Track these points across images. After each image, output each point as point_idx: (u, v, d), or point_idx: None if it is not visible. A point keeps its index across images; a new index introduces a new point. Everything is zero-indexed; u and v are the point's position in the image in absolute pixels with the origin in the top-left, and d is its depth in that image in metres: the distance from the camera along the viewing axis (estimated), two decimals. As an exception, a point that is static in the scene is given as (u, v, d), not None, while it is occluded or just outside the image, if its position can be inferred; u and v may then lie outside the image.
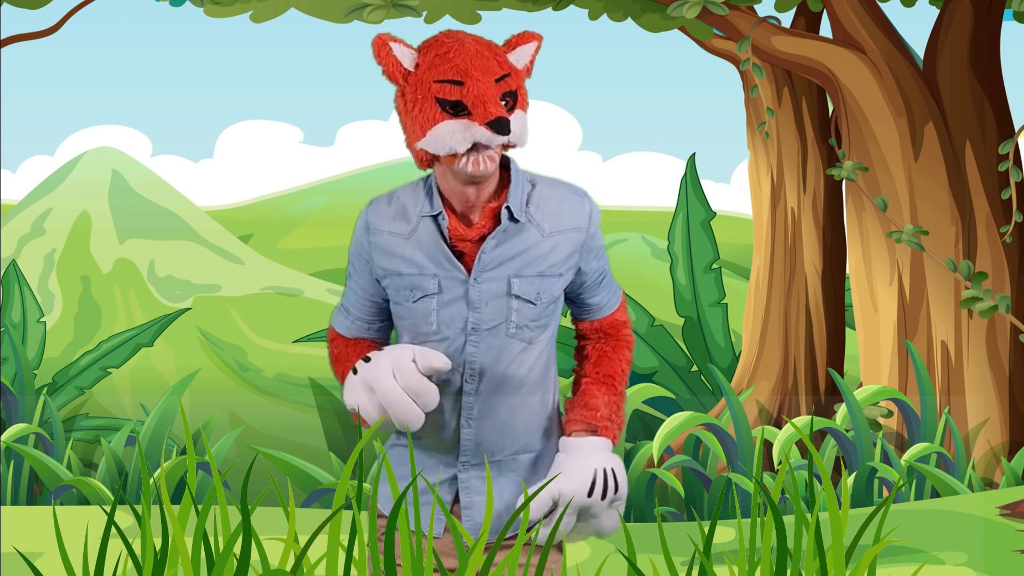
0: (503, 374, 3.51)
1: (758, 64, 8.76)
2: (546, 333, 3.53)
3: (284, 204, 13.48)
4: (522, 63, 3.47)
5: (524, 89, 3.46)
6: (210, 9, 8.80)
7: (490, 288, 3.48)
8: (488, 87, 3.37)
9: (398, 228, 3.53)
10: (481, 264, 3.47)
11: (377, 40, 3.44)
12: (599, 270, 3.59)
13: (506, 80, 3.41)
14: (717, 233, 9.88)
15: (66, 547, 3.34)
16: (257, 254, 12.33)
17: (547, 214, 3.49)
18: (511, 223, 3.46)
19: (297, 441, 9.97)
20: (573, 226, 3.51)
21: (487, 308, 3.48)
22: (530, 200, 3.49)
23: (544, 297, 3.49)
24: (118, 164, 12.37)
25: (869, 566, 3.24)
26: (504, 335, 3.49)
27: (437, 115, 3.39)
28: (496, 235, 3.45)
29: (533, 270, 3.48)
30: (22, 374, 9.45)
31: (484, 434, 3.53)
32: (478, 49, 3.41)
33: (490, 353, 3.50)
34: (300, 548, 3.10)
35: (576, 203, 3.53)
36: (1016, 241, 8.81)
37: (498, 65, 3.41)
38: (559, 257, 3.50)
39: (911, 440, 8.71)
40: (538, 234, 3.48)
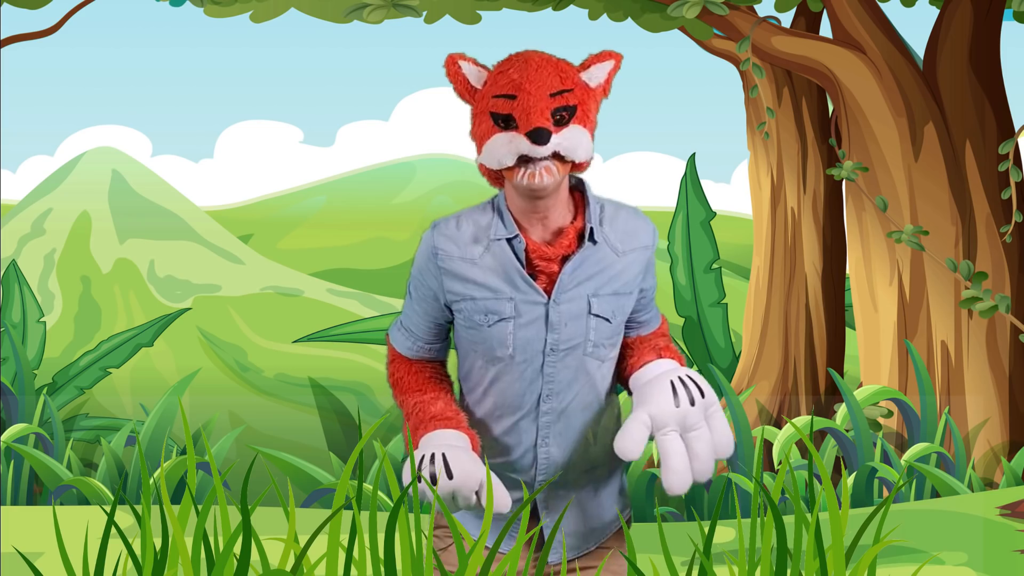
0: (579, 393, 3.55)
1: (758, 64, 8.76)
2: (615, 350, 3.58)
3: (284, 204, 13.48)
4: (596, 81, 3.48)
5: (590, 106, 3.47)
6: (210, 9, 8.79)
7: (569, 309, 3.50)
8: (539, 100, 3.38)
9: (469, 252, 3.50)
10: (561, 285, 3.48)
11: (448, 59, 3.48)
12: (651, 287, 3.67)
13: (564, 95, 3.41)
14: (717, 233, 9.88)
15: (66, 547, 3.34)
16: (257, 254, 12.33)
17: (619, 233, 3.54)
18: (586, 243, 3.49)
19: (297, 441, 9.97)
20: (642, 245, 3.57)
21: (566, 328, 3.50)
22: (603, 221, 3.52)
23: (619, 315, 3.54)
24: (118, 164, 12.37)
25: (869, 566, 3.24)
26: (582, 354, 3.52)
27: (491, 129, 3.43)
28: (577, 256, 3.48)
29: (609, 289, 3.51)
30: (22, 374, 9.45)
31: (561, 452, 3.56)
32: (540, 64, 3.43)
33: (567, 373, 3.52)
34: (300, 548, 3.10)
35: (642, 223, 3.59)
36: (1016, 241, 8.81)
37: (559, 80, 3.42)
38: (631, 275, 3.55)
39: (911, 440, 8.71)
40: (612, 254, 3.52)
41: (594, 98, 3.48)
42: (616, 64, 3.49)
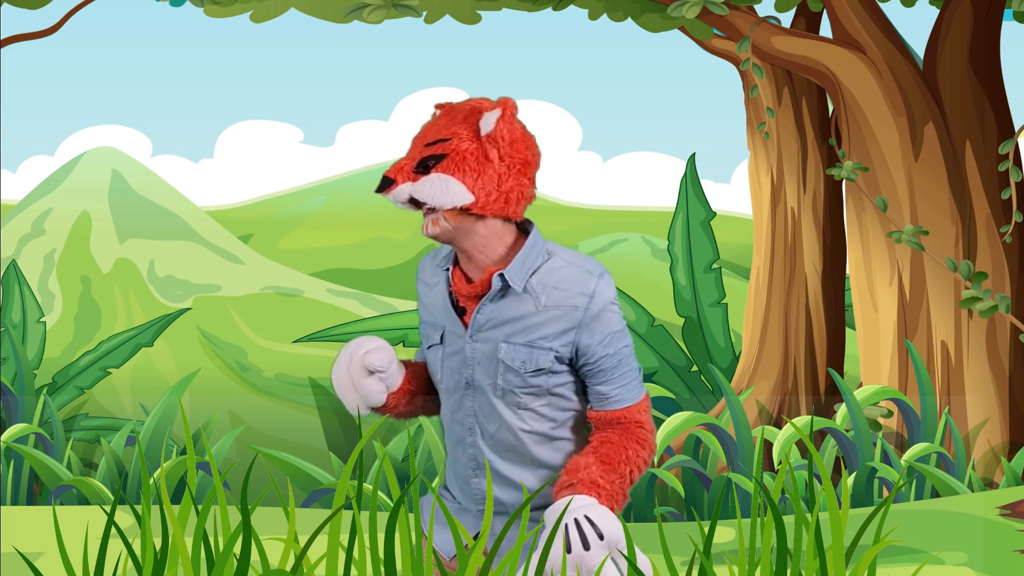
0: (497, 432, 3.57)
1: (758, 64, 8.76)
2: (540, 400, 3.53)
3: (284, 204, 13.48)
4: (485, 130, 3.50)
5: (466, 155, 3.48)
6: (210, 9, 8.79)
7: (482, 348, 3.55)
8: (414, 149, 3.53)
9: (428, 278, 3.67)
10: (476, 324, 3.54)
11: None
12: (610, 357, 3.54)
13: (438, 144, 3.49)
14: (717, 233, 9.88)
15: (66, 547, 3.34)
16: (257, 254, 12.33)
17: (548, 288, 3.52)
18: (507, 290, 3.51)
19: (297, 441, 9.97)
20: (571, 304, 3.51)
21: (479, 367, 3.56)
22: (537, 271, 3.52)
23: (529, 366, 3.51)
24: (118, 164, 12.37)
25: (869, 566, 3.24)
26: (493, 395, 3.55)
27: None
28: (491, 298, 3.52)
29: (521, 339, 3.51)
30: (22, 374, 9.45)
31: (494, 487, 3.56)
32: (443, 114, 3.55)
33: (485, 409, 3.57)
34: (300, 548, 3.10)
35: (582, 282, 3.53)
36: (1016, 241, 8.81)
37: (445, 130, 3.50)
38: (551, 331, 3.51)
39: (911, 440, 8.71)
40: (533, 305, 3.51)
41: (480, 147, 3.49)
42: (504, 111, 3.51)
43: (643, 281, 11.11)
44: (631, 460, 3.54)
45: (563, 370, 3.54)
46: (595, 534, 3.38)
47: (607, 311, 3.53)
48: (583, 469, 3.50)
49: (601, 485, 3.48)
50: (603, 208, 13.24)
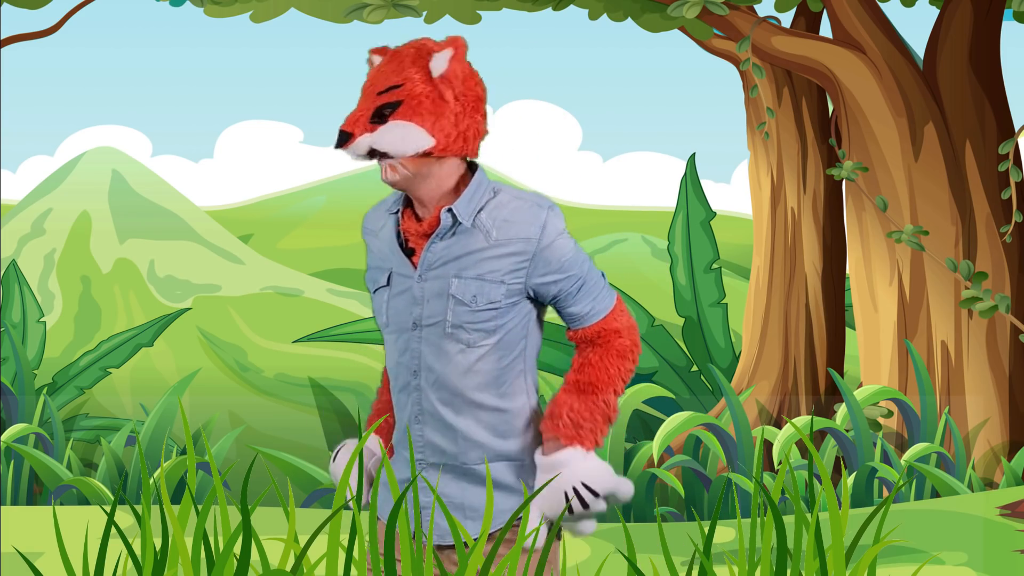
0: (444, 373, 3.55)
1: (758, 64, 8.76)
2: (490, 339, 3.53)
3: (284, 204, 13.49)
4: (438, 71, 3.50)
5: (422, 99, 3.50)
6: (210, 9, 8.80)
7: (432, 286, 3.54)
8: (366, 99, 3.52)
9: (375, 225, 3.68)
10: (426, 262, 3.55)
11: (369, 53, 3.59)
12: (570, 278, 3.56)
13: (392, 91, 3.50)
14: (717, 233, 9.88)
15: (66, 547, 3.34)
16: (257, 254, 12.33)
17: (497, 221, 3.52)
18: (457, 225, 3.51)
19: (297, 441, 9.98)
20: (522, 236, 3.52)
21: (428, 305, 3.55)
22: (485, 207, 3.53)
23: (480, 300, 3.51)
24: (118, 164, 12.37)
25: (869, 566, 3.24)
26: (443, 334, 3.53)
27: None
28: (440, 235, 3.53)
29: (472, 273, 3.51)
30: (22, 374, 9.45)
31: (434, 434, 3.57)
32: (388, 60, 3.54)
33: (431, 350, 3.55)
34: (300, 548, 3.10)
35: (532, 214, 3.53)
36: (1016, 241, 8.81)
37: (394, 75, 3.51)
38: (502, 265, 3.52)
39: (911, 440, 8.71)
40: (484, 240, 3.52)
41: (435, 90, 3.50)
42: (456, 51, 3.52)
43: (643, 281, 11.11)
44: (613, 378, 3.59)
45: (514, 304, 3.54)
46: (591, 495, 3.50)
47: (559, 240, 3.55)
48: (564, 412, 3.55)
49: (583, 425, 3.54)
50: (603, 208, 13.25)
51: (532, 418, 3.60)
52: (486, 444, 3.57)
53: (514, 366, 3.57)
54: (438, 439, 3.57)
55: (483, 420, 3.57)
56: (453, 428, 3.56)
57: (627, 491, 3.58)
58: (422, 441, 3.58)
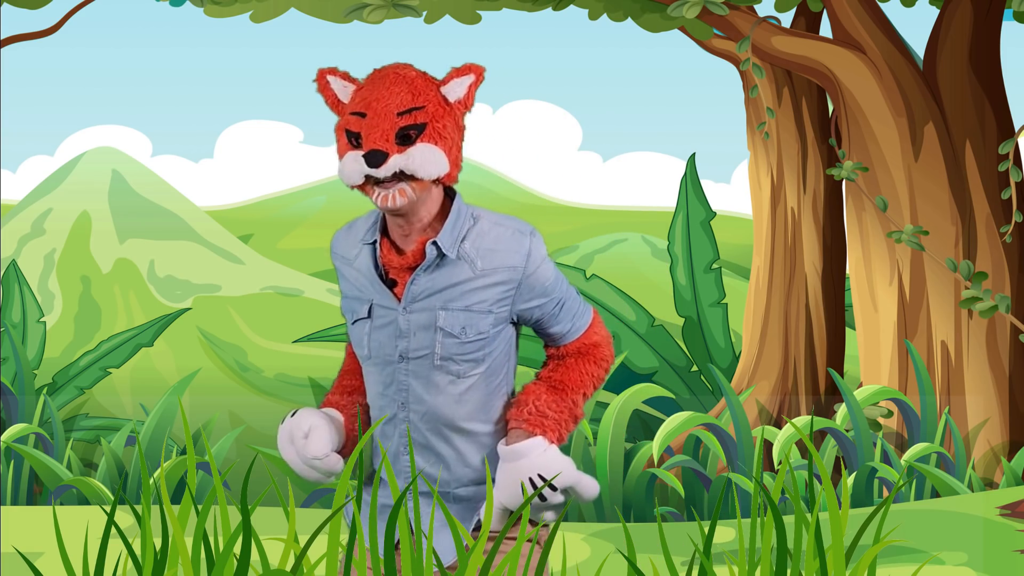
0: (433, 405, 3.55)
1: (758, 64, 8.76)
2: (479, 368, 3.53)
3: (284, 204, 13.49)
4: (455, 96, 3.49)
5: (445, 123, 3.48)
6: (210, 9, 8.80)
7: (418, 319, 3.52)
8: (384, 119, 3.45)
9: (348, 252, 3.63)
10: (411, 294, 3.52)
11: (318, 73, 3.57)
12: (551, 301, 3.57)
13: (414, 113, 3.45)
14: (717, 233, 9.88)
15: (66, 547, 3.34)
16: (257, 254, 12.33)
17: (482, 251, 3.51)
18: (441, 258, 3.50)
19: (297, 441, 9.96)
20: (508, 265, 3.51)
21: (415, 338, 3.53)
22: (467, 236, 3.51)
23: (470, 332, 3.51)
24: (118, 164, 12.37)
25: (869, 566, 3.24)
26: (431, 366, 3.52)
27: (345, 146, 3.52)
28: (426, 267, 3.50)
29: (460, 304, 3.50)
30: (22, 374, 9.45)
31: (426, 464, 3.56)
32: (394, 81, 3.48)
33: (420, 383, 3.55)
34: (300, 548, 3.10)
35: (515, 242, 3.52)
36: (1016, 241, 8.81)
37: (410, 97, 3.47)
38: (489, 295, 3.51)
39: (911, 440, 8.71)
40: (469, 271, 3.50)
41: (451, 114, 3.49)
42: (477, 78, 3.50)
43: (643, 281, 11.11)
44: (586, 381, 3.60)
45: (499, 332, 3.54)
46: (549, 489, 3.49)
47: (542, 267, 3.55)
48: (532, 400, 3.55)
49: (548, 416, 3.54)
50: (603, 208, 13.24)
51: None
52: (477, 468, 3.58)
53: (499, 389, 3.58)
54: (428, 468, 3.57)
55: (472, 446, 3.57)
56: (444, 457, 3.57)
57: (590, 488, 3.56)
58: (408, 472, 3.58)
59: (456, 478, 3.57)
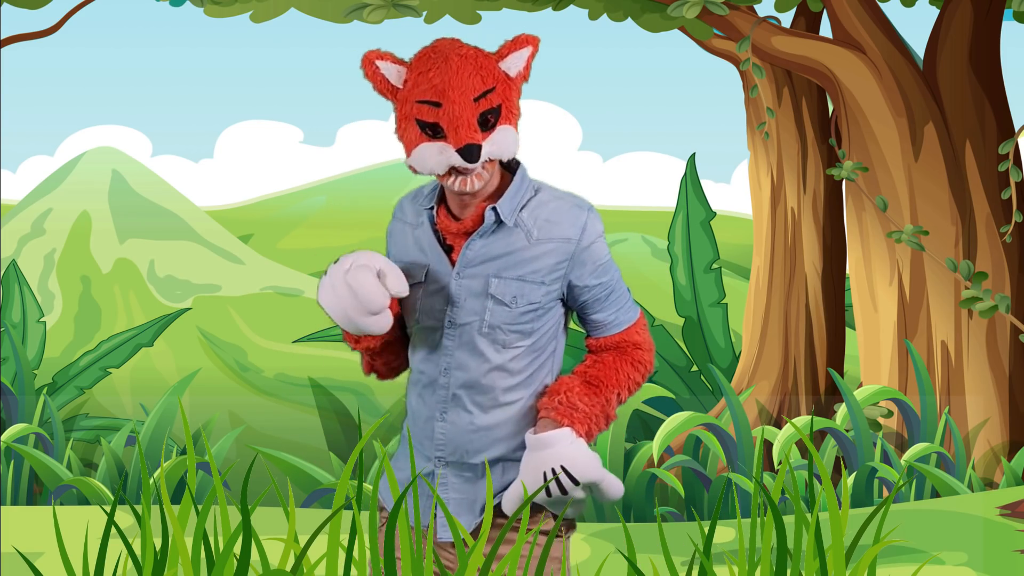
0: (475, 373, 3.53)
1: (758, 64, 8.76)
2: (525, 340, 3.52)
3: (284, 204, 13.49)
4: (515, 70, 3.48)
5: (513, 100, 3.46)
6: (210, 9, 8.80)
7: (470, 285, 3.51)
8: (464, 109, 3.40)
9: (410, 217, 3.61)
10: (465, 260, 3.51)
11: (364, 58, 3.48)
12: (602, 286, 3.56)
13: (488, 96, 3.42)
14: (717, 233, 9.88)
15: (66, 547, 3.34)
16: (257, 254, 12.33)
17: (539, 221, 3.50)
18: (498, 225, 3.48)
19: (297, 441, 9.98)
20: (563, 236, 3.50)
21: (465, 304, 3.51)
22: (526, 206, 3.51)
23: (520, 302, 3.50)
24: (118, 164, 12.37)
25: (869, 566, 3.24)
26: (477, 333, 3.51)
27: (417, 136, 3.45)
28: (481, 233, 3.49)
29: (513, 273, 3.49)
30: (22, 374, 9.45)
31: (456, 432, 3.55)
32: (460, 65, 3.42)
33: (464, 350, 3.53)
34: (300, 548, 3.10)
35: (573, 215, 3.51)
36: (1016, 241, 8.81)
37: (481, 81, 3.43)
38: (543, 265, 3.50)
39: (911, 440, 8.71)
40: (525, 239, 3.49)
41: (515, 88, 3.48)
42: (534, 49, 3.49)
43: (643, 281, 11.11)
44: (621, 382, 3.57)
45: (551, 307, 3.53)
46: (570, 482, 3.45)
47: (597, 243, 3.54)
48: (564, 391, 3.52)
49: (578, 408, 3.51)
50: (603, 208, 13.20)
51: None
52: (509, 445, 3.56)
53: (543, 368, 3.56)
54: (461, 438, 3.56)
55: (510, 420, 3.55)
56: (479, 427, 3.55)
57: (614, 488, 3.53)
58: (444, 439, 3.56)
59: (484, 448, 3.55)
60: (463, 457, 3.55)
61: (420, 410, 3.59)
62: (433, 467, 3.57)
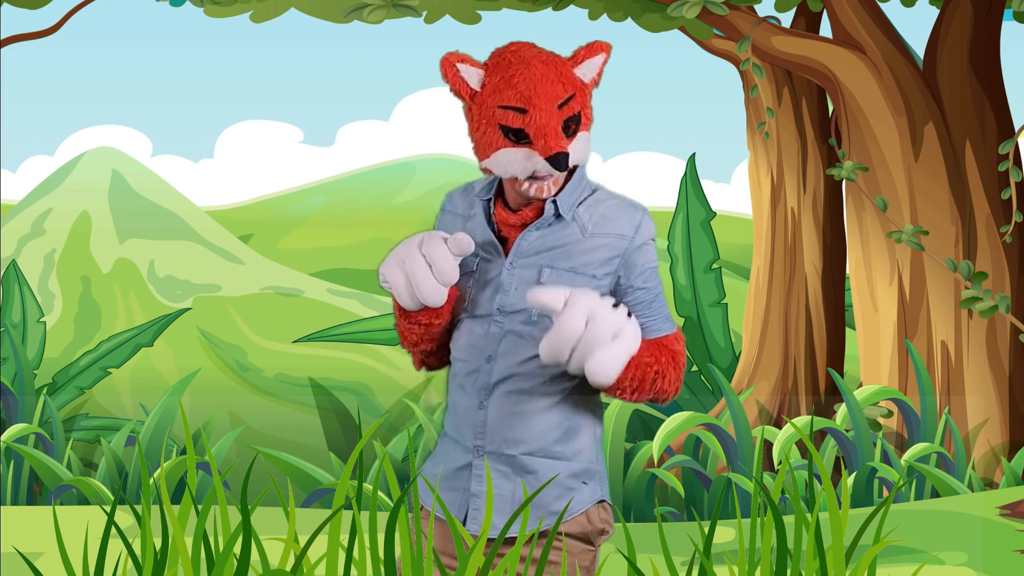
0: (519, 362, 3.53)
1: (758, 64, 8.76)
2: None
3: (284, 204, 13.49)
4: (589, 76, 3.53)
5: (588, 107, 3.53)
6: (210, 9, 8.80)
7: (522, 274, 3.53)
8: (551, 117, 3.44)
9: (460, 209, 3.63)
10: (519, 250, 3.53)
11: (444, 61, 3.51)
12: (647, 291, 3.57)
13: (570, 104, 3.47)
14: (717, 233, 9.88)
15: (66, 547, 3.34)
16: (257, 254, 12.33)
17: (595, 217, 3.54)
18: (556, 218, 3.51)
19: (297, 441, 9.98)
20: (617, 232, 3.53)
21: (515, 292, 3.53)
22: (584, 202, 3.55)
23: None
24: (118, 164, 12.37)
25: (869, 566, 3.24)
26: (526, 323, 3.52)
27: (500, 141, 3.47)
28: (538, 225, 3.52)
29: (565, 264, 3.51)
30: (22, 374, 9.45)
31: (498, 421, 3.54)
32: (544, 72, 3.47)
33: (511, 339, 3.53)
34: (300, 548, 3.10)
35: (628, 213, 3.55)
36: (1016, 241, 8.81)
37: (563, 88, 3.48)
38: (595, 258, 3.52)
39: (911, 440, 8.71)
40: (579, 233, 3.52)
41: (589, 94, 3.54)
42: (606, 57, 3.54)
43: (643, 281, 11.10)
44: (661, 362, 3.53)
45: None
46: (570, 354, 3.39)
47: (648, 245, 3.58)
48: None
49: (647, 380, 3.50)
50: (603, 208, 13.21)
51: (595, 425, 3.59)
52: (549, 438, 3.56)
53: None
54: (501, 427, 3.55)
55: (551, 413, 3.55)
56: (519, 416, 3.55)
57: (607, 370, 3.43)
58: (483, 428, 3.56)
59: (523, 440, 3.55)
60: (502, 447, 3.54)
61: (461, 400, 3.59)
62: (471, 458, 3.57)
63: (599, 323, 3.40)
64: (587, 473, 3.57)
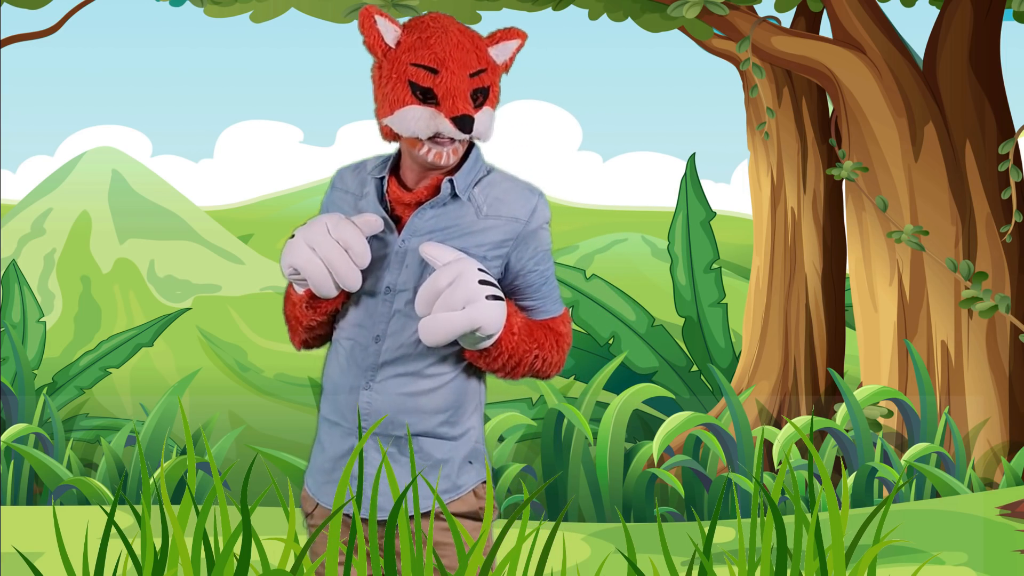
0: (406, 342, 3.52)
1: (758, 64, 8.76)
2: None
3: (284, 204, 13.49)
4: (502, 59, 3.54)
5: (498, 86, 3.54)
6: (210, 9, 8.80)
7: (414, 254, 3.52)
8: (461, 81, 3.47)
9: (352, 187, 3.66)
10: (412, 227, 3.53)
11: (363, 11, 3.52)
12: (539, 273, 3.57)
13: (481, 76, 3.50)
14: (717, 233, 9.88)
15: (66, 547, 3.34)
16: (257, 254, 12.33)
17: (490, 198, 3.54)
18: (452, 198, 3.51)
19: (297, 441, 9.97)
20: (511, 215, 3.53)
21: (406, 271, 3.53)
22: (479, 183, 3.55)
23: None
24: (118, 164, 12.37)
25: (869, 566, 3.24)
26: (413, 300, 3.51)
27: (407, 97, 3.49)
28: (433, 204, 3.52)
29: (457, 244, 3.52)
30: (22, 374, 9.45)
31: (384, 403, 3.53)
32: (460, 40, 3.53)
33: (399, 317, 3.53)
34: (300, 548, 3.11)
35: (523, 197, 3.55)
36: (1016, 241, 8.81)
37: (476, 59, 3.51)
38: (487, 240, 3.52)
39: (911, 440, 8.71)
40: (474, 214, 3.52)
41: (499, 75, 3.57)
42: (521, 43, 3.56)
43: (643, 281, 11.11)
44: (543, 347, 3.56)
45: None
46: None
47: (543, 229, 3.57)
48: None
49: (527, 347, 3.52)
50: (603, 208, 13.24)
51: (479, 406, 3.60)
52: (437, 419, 3.55)
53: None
54: (388, 408, 3.54)
55: (438, 394, 3.55)
56: (407, 397, 3.54)
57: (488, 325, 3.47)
58: (368, 409, 3.56)
59: (413, 421, 3.53)
60: (388, 428, 3.53)
61: (342, 381, 3.59)
62: (355, 441, 3.56)
63: (458, 288, 3.40)
64: (474, 453, 3.57)
